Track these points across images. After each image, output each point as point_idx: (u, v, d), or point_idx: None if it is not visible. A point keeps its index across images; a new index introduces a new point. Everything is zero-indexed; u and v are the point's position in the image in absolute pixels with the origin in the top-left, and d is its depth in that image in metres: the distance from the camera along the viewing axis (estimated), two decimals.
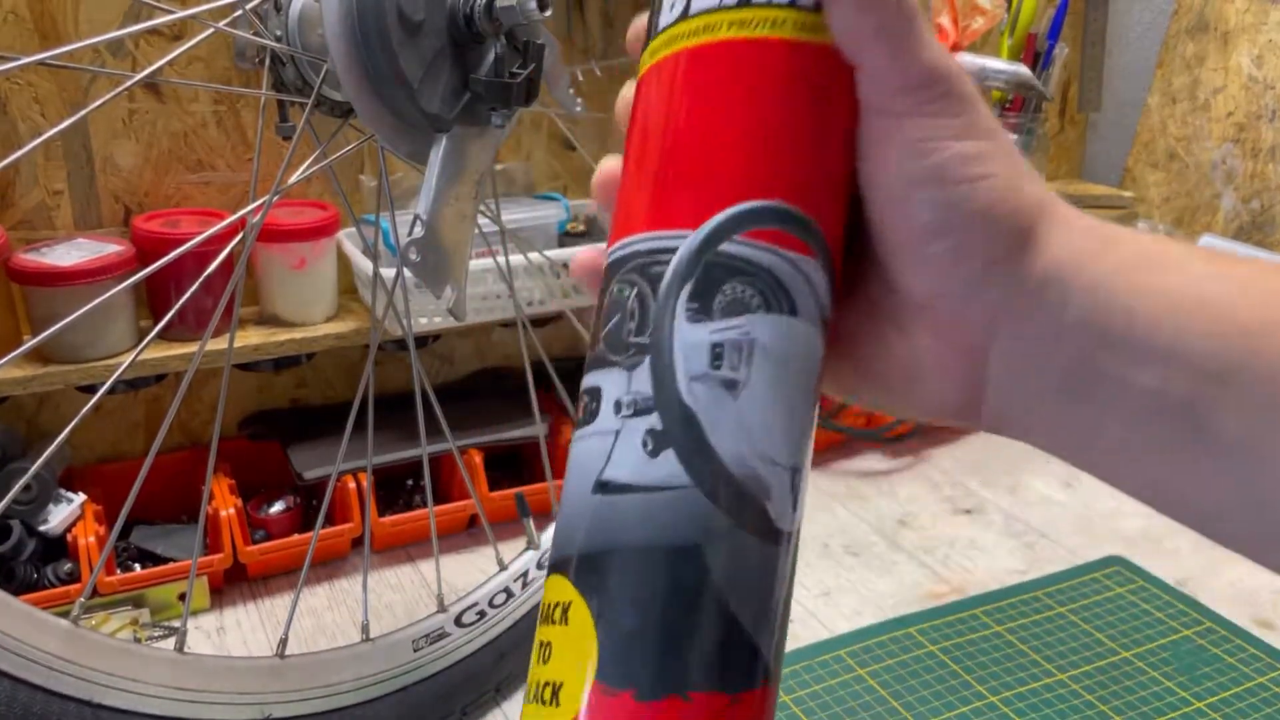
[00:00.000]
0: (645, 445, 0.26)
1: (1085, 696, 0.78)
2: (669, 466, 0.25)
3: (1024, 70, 1.09)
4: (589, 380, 0.27)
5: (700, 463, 0.25)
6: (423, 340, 1.04)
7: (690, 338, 0.26)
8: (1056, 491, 1.10)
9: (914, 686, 0.79)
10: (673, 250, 0.27)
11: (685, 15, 0.28)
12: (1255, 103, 1.29)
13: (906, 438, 1.18)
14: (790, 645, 0.85)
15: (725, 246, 0.26)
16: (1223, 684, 0.80)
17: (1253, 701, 0.78)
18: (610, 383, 0.27)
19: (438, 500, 0.98)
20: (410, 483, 1.03)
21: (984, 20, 1.12)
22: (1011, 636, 0.86)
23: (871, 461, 1.17)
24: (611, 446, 0.26)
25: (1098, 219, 0.28)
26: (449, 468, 1.00)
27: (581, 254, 0.32)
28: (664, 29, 0.28)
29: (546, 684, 0.25)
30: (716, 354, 0.26)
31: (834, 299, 0.28)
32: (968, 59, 1.08)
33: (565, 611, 0.26)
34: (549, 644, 0.26)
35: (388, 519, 0.95)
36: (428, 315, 0.95)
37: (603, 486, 0.26)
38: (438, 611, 0.76)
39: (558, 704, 0.25)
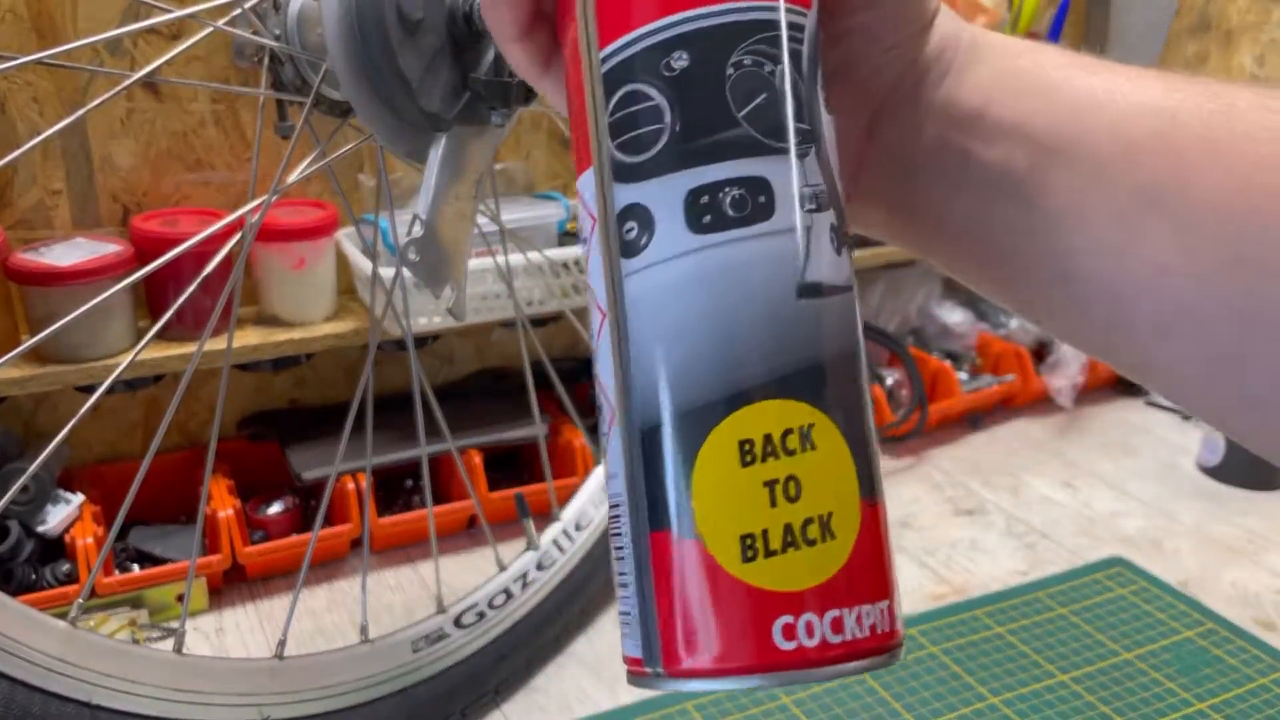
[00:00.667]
0: (834, 242, 0.24)
1: (1087, 698, 0.78)
2: (848, 264, 0.25)
3: None
4: (731, 169, 0.24)
5: (851, 261, 0.25)
6: (422, 340, 1.04)
7: (832, 130, 0.25)
8: (1058, 492, 1.10)
9: (915, 688, 0.79)
10: (801, 28, 0.25)
11: None
12: None
13: (907, 438, 1.18)
14: None
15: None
16: (1225, 685, 0.80)
17: (1255, 703, 0.78)
18: (780, 172, 0.24)
19: (437, 501, 0.97)
20: (409, 483, 1.03)
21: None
22: (1013, 638, 0.85)
23: None
24: (806, 245, 0.24)
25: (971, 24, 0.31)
26: (448, 468, 0.99)
27: None
28: None
29: (808, 521, 0.23)
30: (837, 149, 0.26)
31: None
32: None
33: (808, 435, 0.23)
34: (791, 479, 0.23)
35: (387, 520, 0.95)
36: (427, 315, 0.94)
37: (810, 290, 0.24)
38: (437, 613, 0.75)
39: (832, 535, 0.23)
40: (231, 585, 0.92)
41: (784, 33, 0.24)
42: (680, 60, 0.24)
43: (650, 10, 0.24)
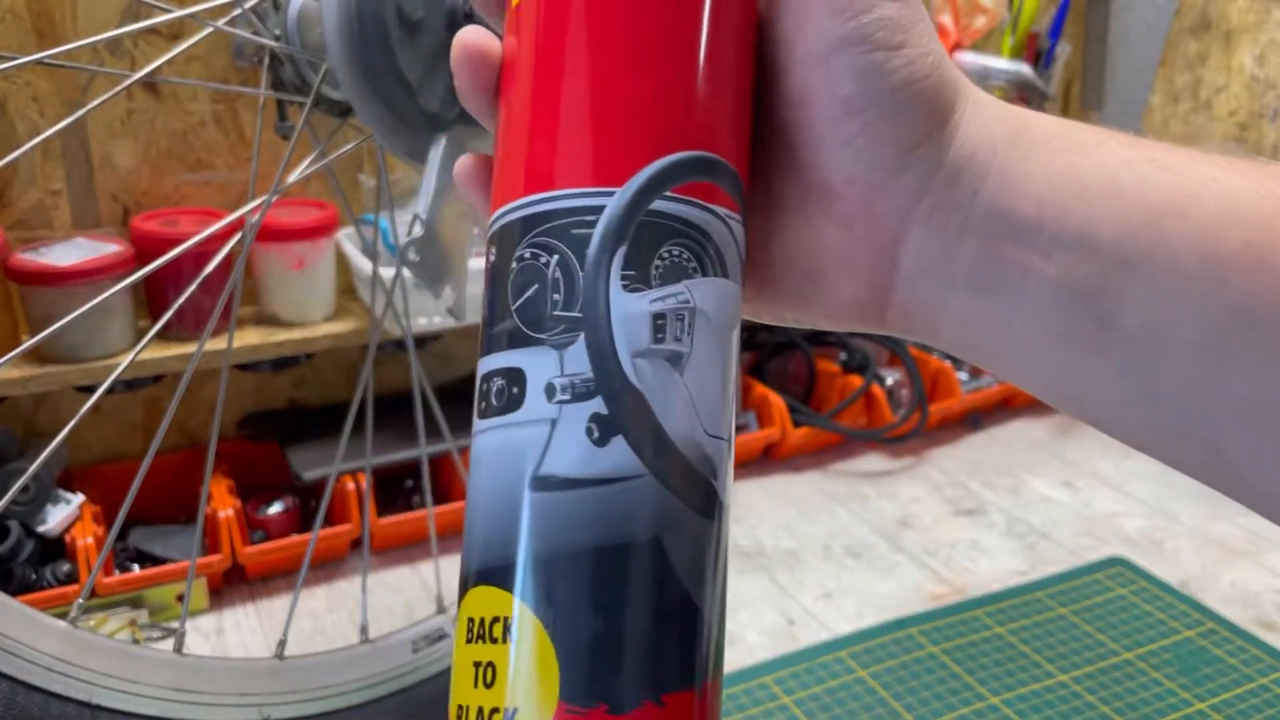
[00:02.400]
0: (591, 433, 0.23)
1: (1087, 698, 0.78)
2: (619, 455, 0.23)
3: (1026, 69, 1.09)
4: (500, 360, 0.24)
5: (654, 448, 0.23)
6: (422, 340, 1.04)
7: (629, 309, 0.24)
8: (1058, 492, 1.10)
9: (915, 688, 0.79)
10: (597, 210, 0.24)
11: None
12: (1257, 102, 1.28)
13: (908, 438, 1.18)
14: (791, 647, 0.84)
15: (658, 204, 0.24)
16: (1225, 685, 0.80)
17: (1255, 703, 0.78)
18: (536, 364, 0.24)
19: (437, 501, 0.97)
20: (409, 483, 1.03)
21: (986, 19, 1.11)
22: (1013, 638, 0.85)
23: (872, 462, 1.17)
24: (548, 437, 0.23)
25: (1005, 106, 0.27)
26: (448, 468, 0.99)
27: (469, 36, 0.27)
28: None
29: (494, 711, 0.23)
30: (659, 326, 0.24)
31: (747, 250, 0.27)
32: (969, 58, 1.08)
33: (508, 628, 0.23)
34: (490, 665, 0.23)
35: (387, 520, 0.95)
36: (427, 315, 0.94)
37: (542, 482, 0.23)
38: (437, 613, 0.75)
39: None
40: (231, 585, 0.92)
41: (571, 219, 0.24)
42: (491, 254, 0.26)
43: (492, 202, 0.26)
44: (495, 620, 0.23)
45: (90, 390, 0.58)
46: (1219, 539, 1.01)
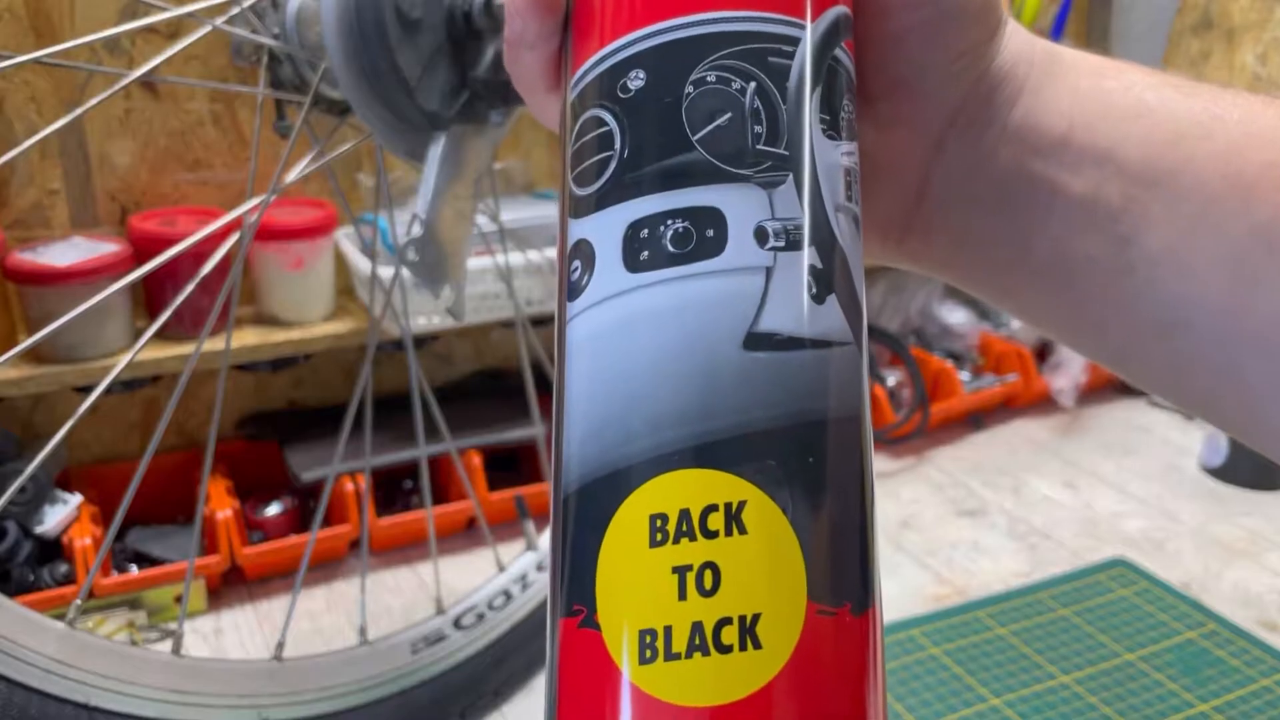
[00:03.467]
0: (810, 288, 0.20)
1: (1089, 699, 0.78)
2: (834, 316, 0.20)
3: None
4: (672, 200, 0.20)
5: (855, 313, 0.21)
6: (421, 340, 1.04)
7: (830, 158, 0.21)
8: (1059, 493, 1.10)
9: (917, 689, 0.79)
10: (792, 41, 0.21)
11: None
12: None
13: (909, 438, 1.18)
14: None
15: (837, 52, 0.22)
16: (1227, 686, 0.79)
17: (1257, 704, 0.78)
18: (739, 203, 0.20)
19: (436, 502, 0.97)
20: (408, 484, 1.03)
21: None
22: (1015, 639, 0.85)
23: (873, 462, 1.16)
24: (764, 288, 0.20)
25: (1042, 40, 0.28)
26: (447, 469, 0.99)
27: None
28: None
29: (723, 622, 0.18)
30: (849, 182, 0.22)
31: None
32: None
33: (736, 515, 0.19)
34: (709, 566, 0.19)
35: (386, 520, 0.94)
36: (426, 315, 0.94)
37: (762, 340, 0.20)
38: (436, 614, 0.75)
39: (758, 644, 0.18)
40: (230, 586, 0.91)
41: (765, 45, 0.21)
42: (636, 80, 0.22)
43: (617, 27, 0.22)
44: (709, 510, 0.19)
45: (88, 390, 0.58)
46: (1220, 539, 1.00)
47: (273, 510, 0.96)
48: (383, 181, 0.71)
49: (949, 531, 1.02)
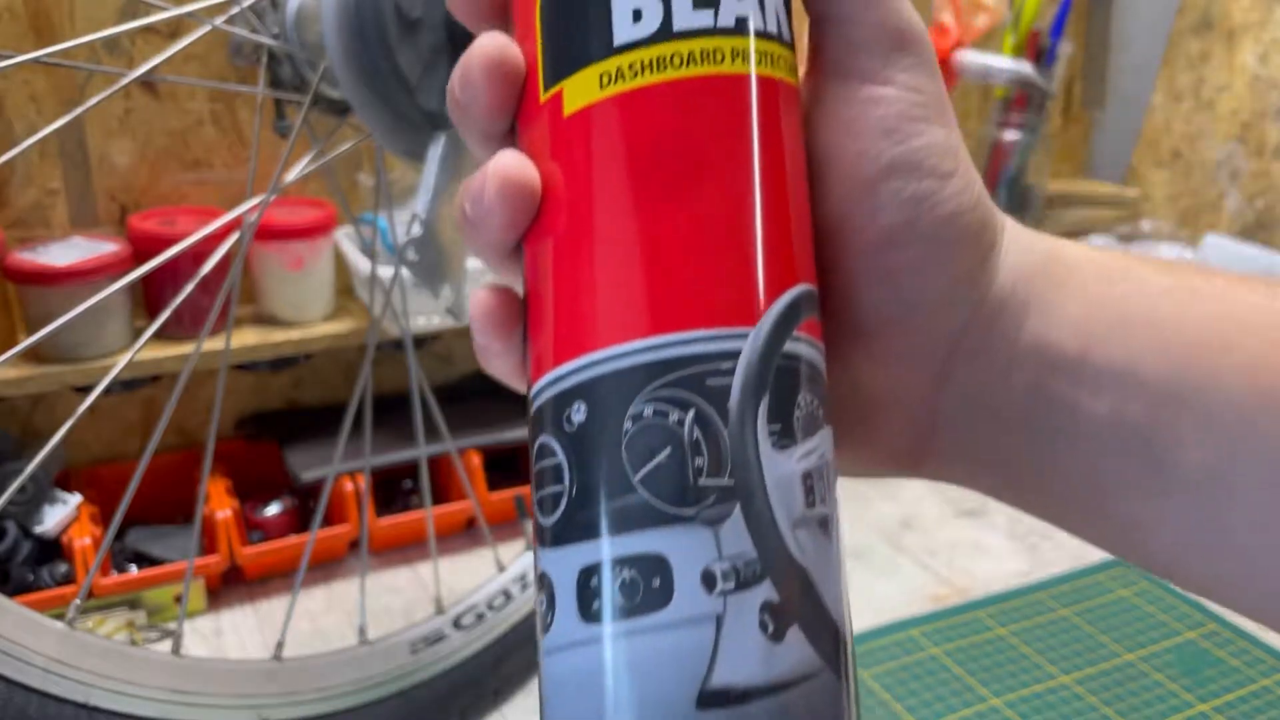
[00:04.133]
0: (765, 627, 0.19)
1: (1089, 699, 0.78)
2: (798, 650, 0.19)
3: (1027, 68, 1.08)
4: (621, 547, 0.20)
5: (825, 634, 0.20)
6: (421, 340, 1.04)
7: (783, 470, 0.20)
8: None
9: (916, 689, 0.79)
10: (731, 355, 0.20)
11: (666, 35, 0.21)
12: (1260, 101, 1.28)
13: None
14: None
15: (792, 345, 0.21)
16: (1227, 686, 0.79)
17: (1257, 704, 0.78)
18: (683, 547, 0.19)
19: (436, 502, 0.97)
20: (408, 484, 1.03)
21: (987, 17, 1.11)
22: (1015, 639, 0.85)
23: None
24: (715, 638, 0.19)
25: (1036, 236, 0.26)
26: (447, 469, 0.99)
27: (512, 166, 0.23)
28: (625, 48, 0.22)
29: None
30: (809, 488, 0.21)
31: None
32: (971, 56, 1.08)
33: None
34: None
35: (385, 520, 0.94)
36: (426, 315, 0.94)
37: (717, 697, 0.19)
38: (436, 614, 0.75)
39: None
40: (229, 586, 0.91)
41: (701, 368, 0.20)
42: (578, 413, 0.21)
43: (559, 352, 0.22)
44: None
45: (88, 390, 0.58)
46: None
47: (272, 510, 0.96)
48: (382, 181, 0.71)
49: (949, 532, 1.02)
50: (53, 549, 0.85)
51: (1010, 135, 1.29)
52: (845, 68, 0.24)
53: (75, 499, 0.87)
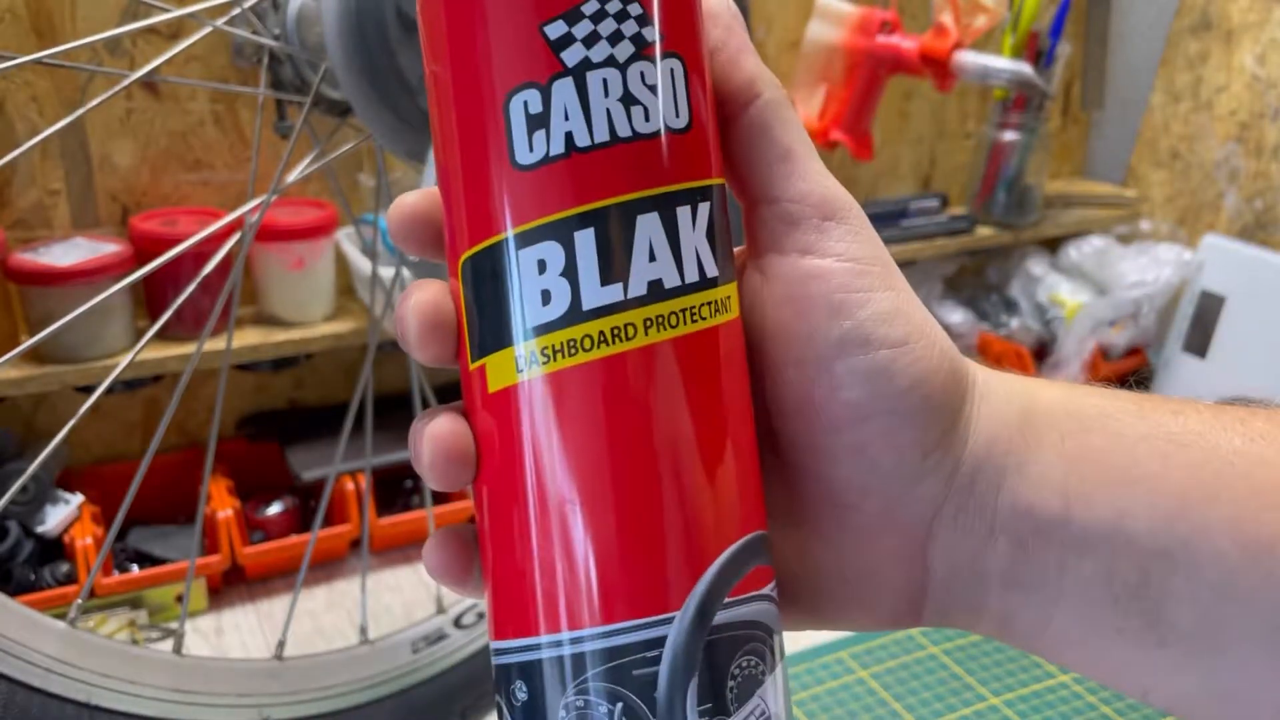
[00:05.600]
0: None
1: (1088, 698, 0.78)
2: None
3: (1026, 68, 1.09)
4: None
5: None
6: None
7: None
8: None
9: (916, 688, 0.79)
10: (656, 643, 0.21)
11: (576, 316, 0.21)
12: (1259, 101, 1.28)
13: None
14: (792, 647, 0.84)
15: (721, 615, 0.21)
16: None
17: None
18: None
19: (436, 501, 0.97)
20: (409, 483, 1.03)
21: (986, 18, 1.11)
22: None
23: None
24: None
25: (1014, 375, 0.26)
26: None
27: (407, 201, 0.24)
28: (538, 331, 0.22)
29: None
30: None
31: None
32: (970, 57, 1.08)
33: None
34: None
35: (386, 520, 0.94)
36: None
37: None
38: (437, 613, 0.75)
39: None
40: (231, 586, 0.91)
41: (626, 660, 0.21)
42: (520, 692, 0.22)
43: (505, 625, 0.22)
44: None
45: (89, 390, 0.58)
46: None
47: (273, 510, 0.96)
48: (383, 182, 0.72)
49: None
50: (54, 548, 0.86)
51: (1009, 136, 1.29)
52: (780, 245, 0.24)
53: (77, 499, 0.87)
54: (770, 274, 0.24)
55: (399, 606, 0.90)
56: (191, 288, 0.61)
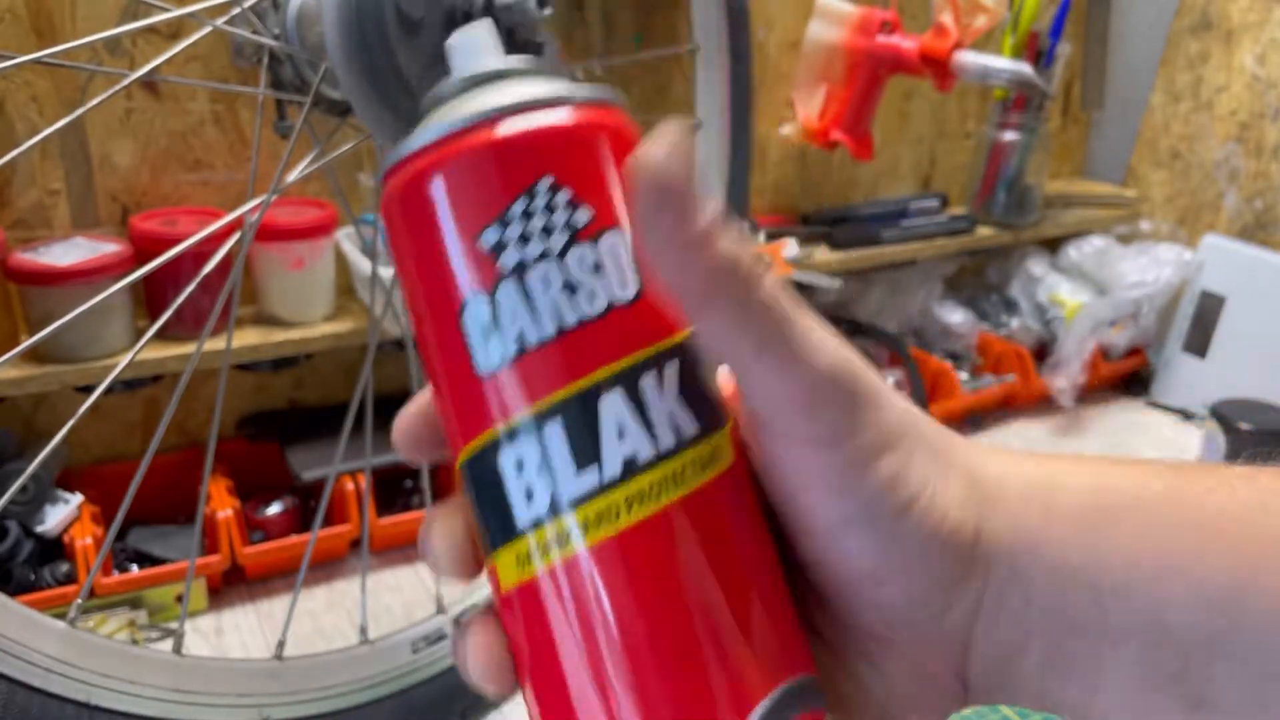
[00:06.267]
0: None
1: None
2: None
3: (1026, 69, 1.09)
4: None
5: None
6: None
7: None
8: None
9: None
10: None
11: (557, 509, 0.22)
12: (1258, 101, 1.28)
13: None
14: None
15: None
16: None
17: None
18: None
19: (436, 501, 0.97)
20: (409, 484, 1.03)
21: (987, 18, 1.11)
22: None
23: None
24: None
25: (1034, 460, 0.25)
26: (448, 468, 0.99)
27: (403, 415, 0.26)
28: (529, 528, 0.22)
29: None
30: None
31: None
32: (970, 57, 1.08)
33: None
34: None
35: (386, 520, 0.94)
36: None
37: None
38: (437, 613, 0.75)
39: None
40: (231, 586, 0.92)
41: None
42: None
43: None
44: None
45: (89, 390, 0.58)
46: None
47: (273, 510, 0.96)
48: None
49: None
50: (54, 548, 0.86)
51: (1009, 136, 1.29)
52: (783, 439, 0.23)
53: (77, 498, 0.87)
54: (768, 450, 0.24)
55: (399, 606, 0.90)
56: (191, 287, 0.61)
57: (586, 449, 0.22)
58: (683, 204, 0.21)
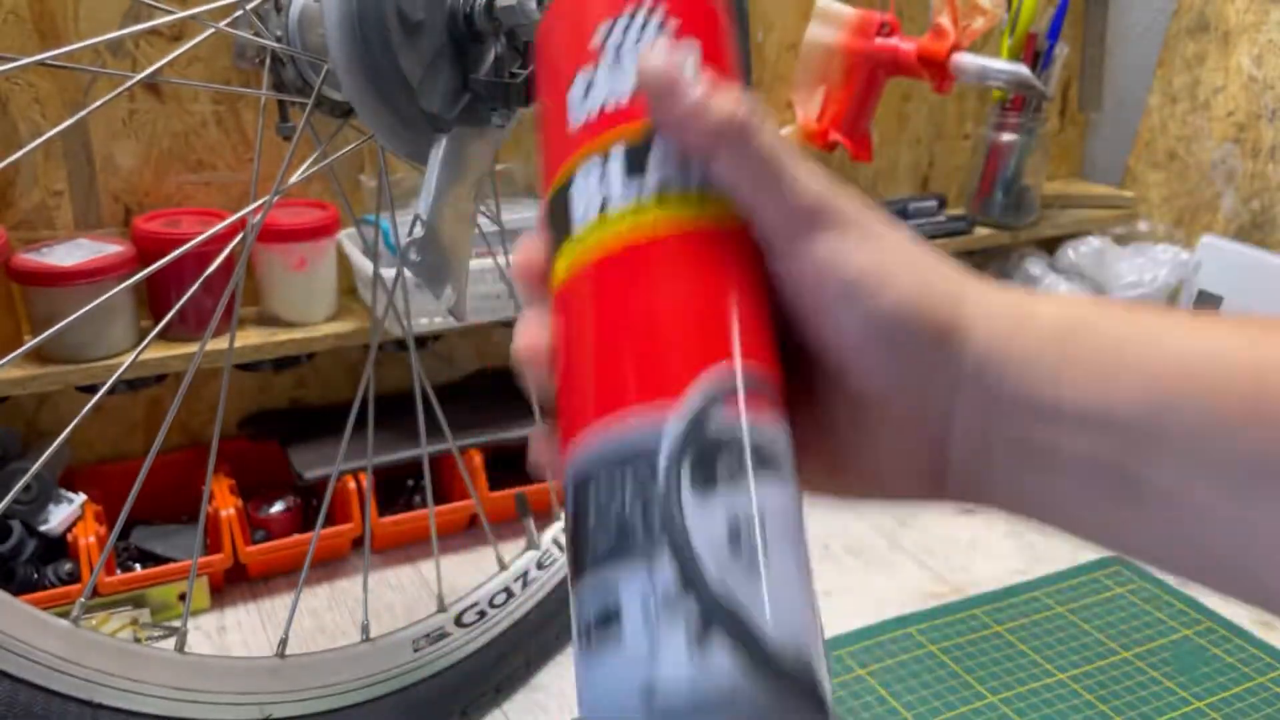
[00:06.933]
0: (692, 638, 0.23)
1: (1085, 696, 0.78)
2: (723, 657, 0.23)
3: (1024, 70, 1.09)
4: (592, 594, 0.25)
5: (754, 646, 0.23)
6: (423, 340, 1.04)
7: (705, 520, 0.25)
8: None
9: (914, 686, 0.79)
10: (657, 434, 0.26)
11: (644, 199, 0.28)
12: (1255, 102, 1.29)
13: None
14: None
15: (712, 421, 0.26)
16: (1223, 684, 0.80)
17: (1253, 701, 0.78)
18: (630, 587, 0.24)
19: (438, 500, 0.98)
20: (410, 483, 1.03)
21: (984, 20, 1.11)
22: (1012, 636, 0.86)
23: None
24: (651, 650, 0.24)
25: (1015, 291, 0.30)
26: (449, 468, 0.99)
27: (526, 251, 0.31)
28: (583, 229, 0.29)
29: None
30: (734, 534, 0.25)
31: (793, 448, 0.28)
32: (968, 59, 1.08)
33: None
34: None
35: (388, 519, 0.95)
36: (428, 315, 0.95)
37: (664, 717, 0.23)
38: (438, 611, 0.76)
39: None
40: (233, 584, 0.92)
41: (635, 446, 0.26)
42: (583, 484, 0.27)
43: (571, 429, 0.28)
44: None
45: (92, 390, 0.58)
46: None
47: (276, 509, 0.97)
48: (384, 183, 0.72)
49: (946, 530, 1.03)
50: (58, 547, 0.86)
51: (1007, 137, 1.30)
52: (780, 244, 0.29)
53: (80, 498, 0.87)
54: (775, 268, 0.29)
55: (400, 605, 0.90)
56: (194, 288, 0.62)
57: (636, 169, 0.28)
58: (675, 85, 0.28)
